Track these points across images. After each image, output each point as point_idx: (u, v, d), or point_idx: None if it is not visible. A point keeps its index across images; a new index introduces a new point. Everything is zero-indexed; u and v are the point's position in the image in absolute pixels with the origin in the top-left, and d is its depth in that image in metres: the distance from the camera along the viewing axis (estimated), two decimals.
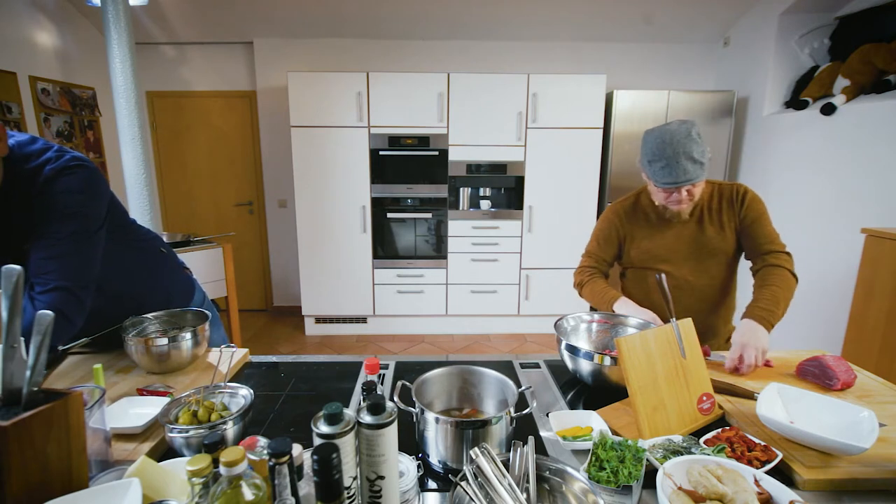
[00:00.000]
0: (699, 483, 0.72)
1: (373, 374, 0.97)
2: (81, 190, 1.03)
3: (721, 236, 1.43)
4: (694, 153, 1.28)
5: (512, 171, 3.67)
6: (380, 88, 3.48)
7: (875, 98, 2.76)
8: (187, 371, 1.21)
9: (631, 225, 1.54)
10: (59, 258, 0.99)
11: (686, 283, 1.47)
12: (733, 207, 1.42)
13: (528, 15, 3.60)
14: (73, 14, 3.51)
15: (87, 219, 1.05)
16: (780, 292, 1.31)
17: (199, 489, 0.58)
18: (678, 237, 1.47)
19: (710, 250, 1.45)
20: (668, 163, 1.29)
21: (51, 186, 0.98)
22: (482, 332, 3.97)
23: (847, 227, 2.73)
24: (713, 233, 1.44)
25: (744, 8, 3.56)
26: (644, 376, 0.96)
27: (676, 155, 1.28)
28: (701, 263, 1.46)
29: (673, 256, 1.48)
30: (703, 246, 1.45)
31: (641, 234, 1.52)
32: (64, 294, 1.00)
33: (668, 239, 1.48)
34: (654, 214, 1.49)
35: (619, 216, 1.55)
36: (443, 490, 0.83)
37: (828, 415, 0.93)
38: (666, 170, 1.30)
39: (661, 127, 1.33)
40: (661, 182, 1.33)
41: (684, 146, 1.27)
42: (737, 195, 1.42)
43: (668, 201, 1.39)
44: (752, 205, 1.41)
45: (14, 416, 0.62)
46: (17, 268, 0.67)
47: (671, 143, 1.28)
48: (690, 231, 1.46)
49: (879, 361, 2.17)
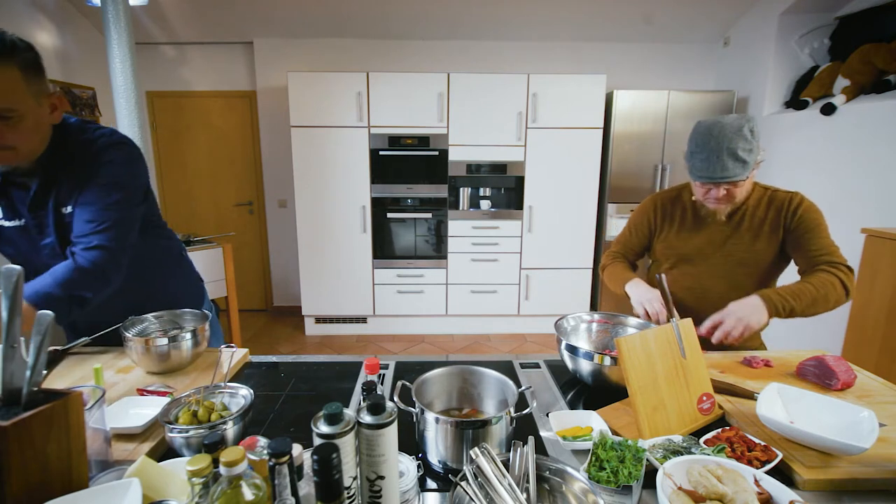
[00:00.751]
0: (699, 483, 0.72)
1: (373, 374, 0.97)
2: (127, 163, 1.12)
3: (755, 245, 1.34)
4: (739, 150, 1.18)
5: (512, 171, 3.67)
6: (380, 88, 3.48)
7: (875, 98, 2.76)
8: (187, 371, 1.21)
9: (664, 218, 1.47)
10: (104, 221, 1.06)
11: (701, 287, 1.40)
12: (781, 216, 1.31)
13: (528, 15, 3.60)
14: (73, 14, 3.51)
15: (130, 191, 1.12)
16: (811, 290, 1.20)
17: (199, 489, 0.58)
18: (709, 240, 1.39)
19: (739, 258, 1.36)
20: (709, 156, 1.21)
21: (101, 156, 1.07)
22: (482, 332, 3.97)
23: (847, 227, 2.73)
24: (748, 240, 1.35)
25: (744, 8, 3.56)
26: (644, 376, 0.96)
27: (720, 149, 1.19)
28: (727, 270, 1.38)
29: (697, 258, 1.40)
30: (732, 252, 1.36)
31: (672, 230, 1.45)
32: (105, 253, 1.06)
33: (698, 240, 1.40)
34: (690, 212, 1.42)
35: (655, 207, 1.49)
36: (443, 490, 0.83)
37: (828, 415, 0.92)
38: (705, 163, 1.22)
39: (715, 118, 1.24)
40: (696, 175, 1.26)
41: (730, 140, 1.18)
42: (789, 204, 1.31)
43: (705, 198, 1.31)
44: (807, 214, 1.30)
45: (14, 416, 0.62)
46: (17, 268, 0.68)
47: (717, 136, 1.19)
48: (724, 235, 1.37)
49: (879, 361, 2.17)
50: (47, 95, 1.00)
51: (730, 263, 1.38)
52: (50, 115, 1.02)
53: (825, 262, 1.28)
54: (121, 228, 1.09)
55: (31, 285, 0.99)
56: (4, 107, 0.89)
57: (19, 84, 0.90)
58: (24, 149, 0.98)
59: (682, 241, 1.44)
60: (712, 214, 1.36)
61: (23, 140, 0.96)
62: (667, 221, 1.47)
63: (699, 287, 1.42)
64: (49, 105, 1.00)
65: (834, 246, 1.31)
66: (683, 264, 1.44)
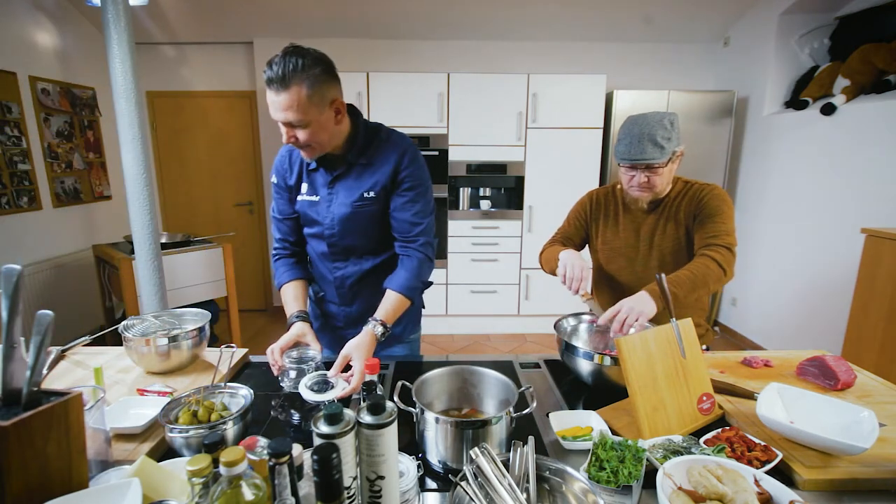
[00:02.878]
0: (699, 483, 0.72)
1: (373, 374, 0.97)
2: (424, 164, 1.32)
3: (678, 234, 1.42)
4: (658, 136, 1.29)
5: (512, 171, 3.67)
6: (380, 88, 3.48)
7: (875, 98, 2.76)
8: (187, 371, 1.22)
9: (598, 212, 1.55)
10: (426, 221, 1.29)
11: (639, 279, 1.46)
12: (693, 205, 1.40)
13: (528, 15, 3.60)
14: (73, 14, 3.50)
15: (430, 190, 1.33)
16: (688, 275, 1.25)
17: (199, 489, 0.58)
18: (636, 232, 1.47)
19: (668, 248, 1.44)
20: (631, 140, 1.32)
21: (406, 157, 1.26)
22: (482, 332, 3.97)
23: (847, 227, 2.73)
24: (672, 230, 1.42)
25: (744, 8, 3.56)
26: (644, 376, 0.96)
27: (641, 135, 1.30)
28: (660, 261, 1.45)
29: (630, 251, 1.48)
30: (660, 244, 1.44)
31: (606, 224, 1.53)
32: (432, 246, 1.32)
33: (628, 233, 1.49)
34: (622, 206, 1.50)
35: (591, 201, 1.58)
36: (443, 490, 0.83)
37: (828, 415, 0.92)
38: (627, 147, 1.32)
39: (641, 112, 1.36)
40: (618, 157, 1.36)
41: (651, 128, 1.30)
42: (700, 191, 1.40)
43: (629, 186, 1.40)
44: (711, 201, 1.37)
45: (14, 416, 0.62)
46: (17, 267, 0.68)
47: (640, 124, 1.31)
48: (650, 227, 1.45)
49: (879, 361, 2.17)
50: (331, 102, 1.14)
51: (661, 254, 1.45)
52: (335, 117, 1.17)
53: (708, 245, 1.32)
54: (433, 221, 1.32)
55: (395, 282, 1.24)
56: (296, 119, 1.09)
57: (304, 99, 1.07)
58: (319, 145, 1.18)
59: (614, 234, 1.51)
60: (635, 202, 1.44)
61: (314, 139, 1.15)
62: (601, 213, 1.55)
63: (637, 280, 1.47)
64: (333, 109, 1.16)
65: (726, 231, 1.33)
66: (619, 258, 1.51)
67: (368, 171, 1.25)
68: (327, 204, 1.28)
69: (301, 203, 1.32)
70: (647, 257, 1.46)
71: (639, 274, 1.47)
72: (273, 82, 1.06)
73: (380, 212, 1.27)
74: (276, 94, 1.07)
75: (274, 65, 1.05)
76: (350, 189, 1.26)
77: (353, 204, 1.25)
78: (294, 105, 1.07)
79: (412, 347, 1.49)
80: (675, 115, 1.34)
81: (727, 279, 1.29)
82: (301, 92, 1.06)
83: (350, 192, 1.26)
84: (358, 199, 1.25)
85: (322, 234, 1.31)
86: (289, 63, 1.05)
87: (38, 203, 3.15)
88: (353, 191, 1.26)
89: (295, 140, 1.14)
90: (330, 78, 1.12)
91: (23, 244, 3.03)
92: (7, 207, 2.92)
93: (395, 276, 1.26)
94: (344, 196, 1.26)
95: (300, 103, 1.07)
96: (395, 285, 1.23)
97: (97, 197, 3.69)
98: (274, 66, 1.05)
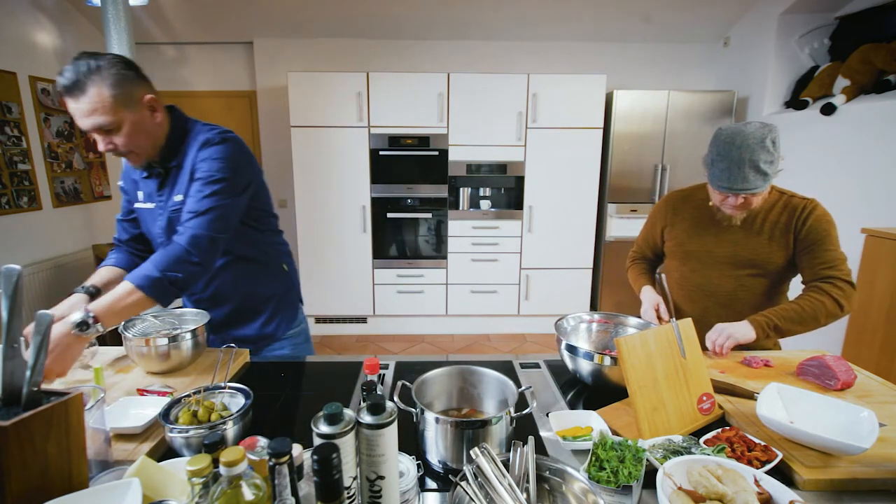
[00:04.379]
0: (699, 483, 0.72)
1: (373, 374, 0.97)
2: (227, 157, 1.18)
3: (767, 249, 1.34)
4: (761, 162, 1.18)
5: (512, 171, 3.67)
6: (380, 88, 3.48)
7: (875, 98, 2.76)
8: (187, 371, 1.21)
9: (675, 215, 1.49)
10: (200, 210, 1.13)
11: (710, 285, 1.41)
12: (793, 222, 1.31)
13: (528, 15, 3.60)
14: (73, 14, 3.51)
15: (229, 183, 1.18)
16: (797, 310, 1.23)
17: (199, 489, 0.58)
18: (718, 240, 1.40)
19: (748, 259, 1.36)
20: (730, 166, 1.21)
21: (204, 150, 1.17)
22: (482, 332, 3.97)
23: (847, 227, 2.73)
24: (759, 243, 1.35)
25: (744, 8, 3.56)
26: (644, 376, 0.96)
27: (742, 160, 1.19)
28: (736, 270, 1.38)
29: (705, 257, 1.42)
30: (740, 254, 1.37)
31: (681, 227, 1.47)
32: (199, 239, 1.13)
33: (707, 239, 1.41)
34: (705, 212, 1.42)
35: (666, 206, 1.52)
36: (443, 490, 0.83)
37: (828, 415, 0.92)
38: (726, 173, 1.22)
39: (738, 126, 1.23)
40: (717, 185, 1.26)
41: (753, 152, 1.18)
42: (802, 210, 1.31)
43: (722, 204, 1.32)
44: (816, 224, 1.28)
45: (14, 416, 0.62)
46: (17, 267, 0.68)
47: (740, 146, 1.19)
48: (735, 237, 1.37)
49: (879, 361, 2.17)
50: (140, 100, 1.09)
51: (739, 263, 1.38)
52: (151, 115, 1.13)
53: (825, 277, 1.28)
54: (216, 217, 1.14)
55: (137, 269, 1.08)
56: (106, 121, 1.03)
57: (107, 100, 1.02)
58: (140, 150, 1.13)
59: (691, 238, 1.45)
60: (728, 219, 1.35)
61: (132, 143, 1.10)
62: (678, 218, 1.49)
63: (708, 284, 1.43)
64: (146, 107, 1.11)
65: (839, 259, 1.29)
66: (692, 261, 1.45)
67: (181, 175, 1.20)
68: (160, 212, 1.24)
69: (139, 212, 1.29)
70: (722, 263, 1.40)
71: (708, 276, 1.42)
72: (69, 89, 1.01)
73: None
74: (75, 100, 1.02)
75: (66, 72, 1.01)
76: (169, 195, 1.22)
77: (170, 211, 1.21)
78: (98, 107, 1.02)
79: (295, 344, 1.46)
80: (776, 129, 1.22)
81: (844, 315, 1.25)
82: (103, 93, 1.02)
83: (169, 199, 1.21)
84: (172, 206, 1.20)
85: (156, 245, 1.27)
86: (81, 67, 1.01)
87: (39, 203, 3.15)
88: (171, 197, 1.21)
89: (114, 147, 1.09)
90: (134, 75, 1.07)
91: (23, 244, 3.03)
92: (7, 207, 2.92)
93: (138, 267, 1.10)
94: (165, 203, 1.22)
95: (104, 104, 1.02)
96: (132, 275, 1.07)
97: (97, 197, 3.69)
98: (66, 73, 1.01)
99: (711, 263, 1.42)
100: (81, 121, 1.04)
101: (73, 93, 1.01)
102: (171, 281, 1.08)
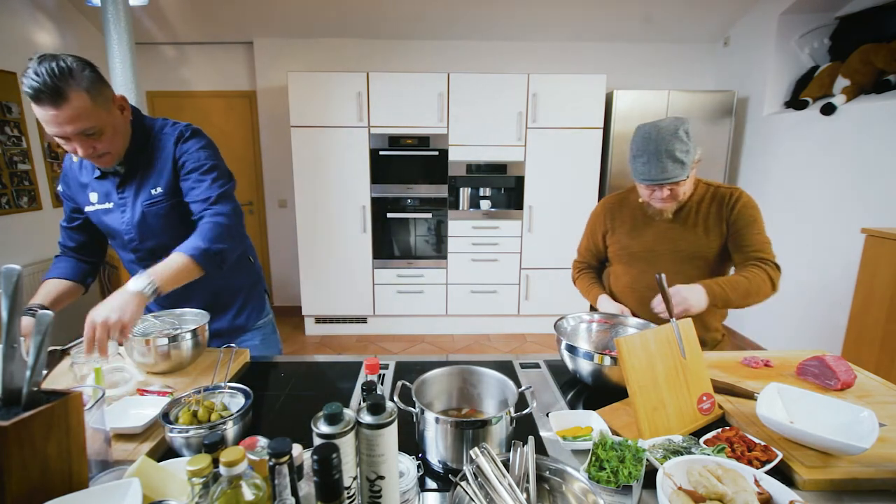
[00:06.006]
0: (699, 483, 0.72)
1: (373, 374, 0.97)
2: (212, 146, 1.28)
3: (704, 240, 1.40)
4: (677, 152, 1.25)
5: (512, 171, 3.67)
6: (380, 88, 3.48)
7: (875, 98, 2.76)
8: (187, 371, 1.21)
9: (613, 220, 1.55)
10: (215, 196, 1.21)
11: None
12: (722, 210, 1.38)
13: (528, 15, 3.60)
14: (73, 14, 3.51)
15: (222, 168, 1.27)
16: (745, 283, 1.27)
17: (199, 489, 0.58)
18: (658, 237, 1.45)
19: (689, 253, 1.42)
20: (650, 159, 1.28)
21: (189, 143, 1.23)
22: (482, 332, 3.97)
23: (847, 227, 2.73)
24: (696, 236, 1.40)
25: (744, 8, 3.56)
26: (644, 376, 0.96)
27: (659, 152, 1.26)
28: (679, 265, 1.42)
29: (649, 256, 1.47)
30: (682, 248, 1.42)
31: (622, 230, 1.52)
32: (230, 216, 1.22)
33: (647, 238, 1.47)
34: (639, 212, 1.48)
35: (604, 211, 1.58)
36: (443, 490, 0.83)
37: (828, 415, 0.92)
38: (646, 166, 1.29)
39: (652, 122, 1.31)
40: (639, 178, 1.33)
41: (668, 143, 1.25)
42: (729, 199, 1.38)
43: (650, 198, 1.38)
44: (744, 210, 1.36)
45: (14, 416, 0.62)
46: (17, 267, 0.68)
47: (655, 139, 1.27)
48: (672, 232, 1.43)
49: (879, 361, 2.17)
50: (112, 100, 1.11)
51: (681, 259, 1.43)
52: (122, 115, 1.15)
53: (757, 259, 1.34)
54: (232, 197, 1.25)
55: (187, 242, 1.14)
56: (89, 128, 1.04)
57: (88, 104, 1.02)
58: (116, 151, 1.15)
59: (632, 239, 1.50)
60: (659, 213, 1.42)
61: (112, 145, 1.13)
62: (617, 222, 1.54)
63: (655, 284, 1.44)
64: (117, 107, 1.13)
65: (766, 242, 1.37)
66: (639, 262, 1.49)
67: (151, 168, 1.22)
68: (122, 210, 1.24)
69: (94, 213, 1.27)
70: (665, 260, 1.44)
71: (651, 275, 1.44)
72: (45, 95, 0.96)
73: (175, 206, 1.24)
74: (54, 108, 0.97)
75: (37, 77, 0.95)
76: (138, 190, 1.23)
77: (144, 205, 1.22)
78: (82, 114, 1.00)
79: (265, 334, 1.51)
80: (687, 121, 1.29)
81: (773, 293, 1.32)
82: (84, 98, 1.00)
83: (139, 193, 1.23)
84: (147, 200, 1.22)
85: (124, 242, 1.28)
86: (54, 71, 0.96)
87: (39, 203, 3.15)
88: (141, 191, 1.23)
89: (93, 151, 1.08)
90: (100, 76, 1.07)
91: (23, 244, 3.03)
92: (7, 207, 2.92)
93: (185, 242, 1.16)
94: (134, 198, 1.23)
95: (86, 111, 1.01)
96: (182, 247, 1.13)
97: None
98: (37, 78, 0.95)
99: (657, 262, 1.46)
100: (62, 128, 1.00)
101: (53, 100, 0.97)
102: (217, 251, 1.15)
